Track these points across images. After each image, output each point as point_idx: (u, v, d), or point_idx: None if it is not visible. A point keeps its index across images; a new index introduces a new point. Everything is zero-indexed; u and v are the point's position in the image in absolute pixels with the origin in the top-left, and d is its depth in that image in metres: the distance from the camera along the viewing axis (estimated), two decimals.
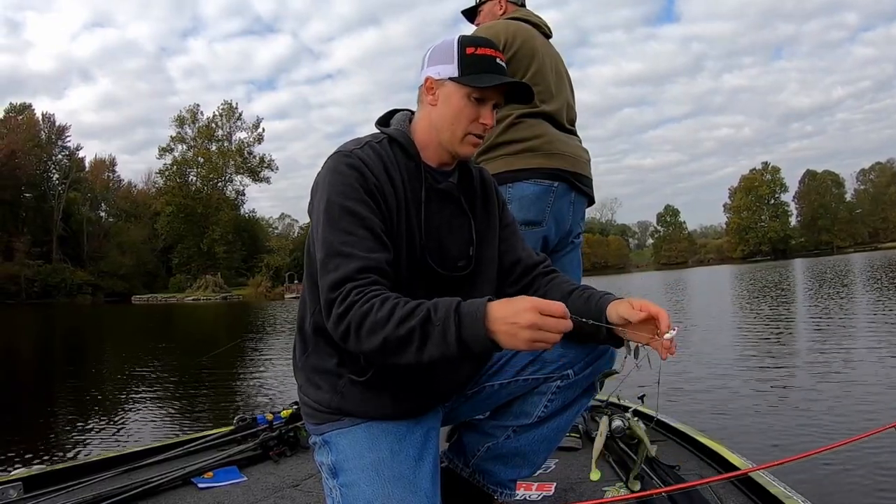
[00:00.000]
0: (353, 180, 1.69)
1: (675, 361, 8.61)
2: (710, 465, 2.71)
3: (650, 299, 1.66)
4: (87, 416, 7.60)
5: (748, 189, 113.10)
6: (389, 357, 1.54)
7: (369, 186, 1.70)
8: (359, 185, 1.69)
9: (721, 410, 6.03)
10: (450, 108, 1.78)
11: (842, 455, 4.20)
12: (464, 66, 1.75)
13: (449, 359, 1.50)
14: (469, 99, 1.76)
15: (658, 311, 1.62)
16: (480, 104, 1.77)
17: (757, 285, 27.56)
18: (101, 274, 73.15)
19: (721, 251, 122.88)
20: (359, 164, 1.71)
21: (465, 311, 1.49)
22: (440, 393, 1.86)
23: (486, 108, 1.78)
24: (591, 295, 1.80)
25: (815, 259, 71.19)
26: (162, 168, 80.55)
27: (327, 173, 1.73)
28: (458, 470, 2.11)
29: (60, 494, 2.61)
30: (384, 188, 1.73)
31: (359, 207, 1.67)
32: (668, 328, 1.60)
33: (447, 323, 1.48)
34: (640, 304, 1.65)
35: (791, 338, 10.99)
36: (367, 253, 1.63)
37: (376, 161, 1.75)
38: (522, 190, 2.93)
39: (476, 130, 1.79)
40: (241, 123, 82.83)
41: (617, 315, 1.68)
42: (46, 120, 78.54)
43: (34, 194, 75.00)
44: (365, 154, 1.75)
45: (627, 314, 1.64)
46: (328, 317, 1.60)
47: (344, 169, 1.71)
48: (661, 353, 1.61)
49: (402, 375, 1.75)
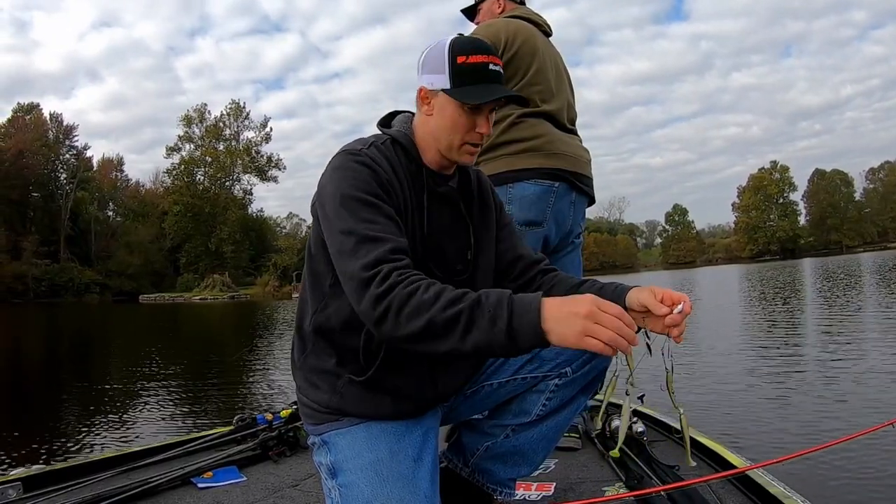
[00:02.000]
0: (366, 175, 1.68)
1: (678, 362, 8.60)
2: (710, 465, 2.70)
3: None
4: (86, 416, 7.61)
5: (757, 188, 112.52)
6: (428, 342, 1.47)
7: (382, 181, 1.69)
8: (372, 180, 1.67)
9: (722, 411, 6.01)
10: (445, 119, 1.76)
11: (842, 453, 4.19)
12: (455, 77, 1.72)
13: (493, 349, 1.44)
14: (463, 110, 1.73)
15: (681, 297, 1.62)
16: (476, 113, 1.74)
17: (766, 285, 27.45)
18: (108, 273, 73.44)
19: (729, 250, 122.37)
20: (369, 162, 1.70)
21: (518, 300, 1.44)
22: (440, 393, 1.86)
23: (482, 116, 1.76)
24: (604, 286, 1.80)
25: (824, 258, 70.92)
26: (169, 167, 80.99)
27: (335, 171, 1.71)
28: (457, 470, 2.11)
29: (60, 494, 2.60)
30: (394, 185, 1.72)
31: (375, 199, 1.65)
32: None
33: (499, 310, 1.42)
34: (662, 294, 1.64)
35: (797, 337, 10.95)
36: (396, 236, 1.61)
37: (384, 161, 1.74)
38: (523, 190, 2.93)
39: (473, 140, 1.77)
40: (248, 122, 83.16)
41: (638, 302, 1.66)
42: (54, 119, 78.93)
43: (42, 194, 75.40)
44: (372, 153, 1.74)
45: (650, 304, 1.63)
46: (361, 299, 1.53)
47: (355, 166, 1.69)
48: (673, 334, 1.62)
49: (402, 376, 1.76)
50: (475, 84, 1.71)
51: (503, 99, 1.76)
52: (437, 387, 1.83)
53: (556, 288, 1.88)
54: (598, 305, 1.40)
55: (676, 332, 1.61)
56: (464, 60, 1.72)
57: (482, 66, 1.72)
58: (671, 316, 1.60)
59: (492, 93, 1.72)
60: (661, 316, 1.62)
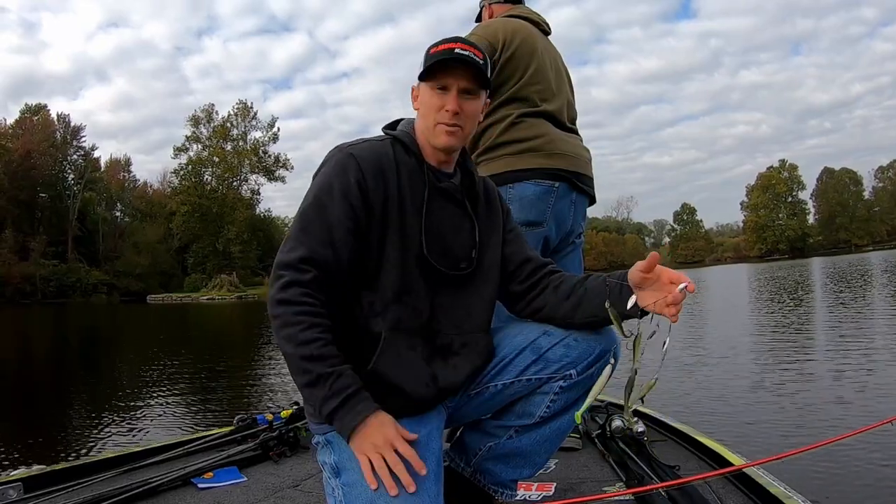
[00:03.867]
0: (334, 177, 1.78)
1: (681, 362, 8.59)
2: (711, 465, 2.70)
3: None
4: (88, 417, 7.64)
5: (765, 187, 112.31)
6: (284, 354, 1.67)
7: (350, 184, 1.77)
8: (339, 183, 1.77)
9: (723, 411, 5.98)
10: (422, 105, 1.89)
11: (842, 450, 4.19)
12: (426, 64, 1.84)
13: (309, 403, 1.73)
14: (433, 91, 1.85)
15: (679, 277, 1.68)
16: (444, 92, 1.84)
17: (775, 285, 27.34)
18: (116, 273, 73.47)
19: (738, 249, 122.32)
20: (346, 162, 1.79)
21: (351, 405, 1.62)
22: (441, 387, 1.86)
23: (450, 95, 1.83)
24: (608, 276, 1.88)
25: (833, 257, 70.67)
26: (177, 168, 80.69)
27: (322, 166, 1.84)
28: (459, 469, 2.11)
29: (60, 494, 2.61)
30: (371, 185, 1.78)
31: (330, 203, 1.75)
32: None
33: (331, 400, 1.62)
34: (661, 270, 1.71)
35: (804, 337, 10.91)
36: (316, 245, 1.71)
37: (371, 159, 1.81)
38: (524, 190, 2.92)
39: (443, 119, 1.84)
40: (255, 122, 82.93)
41: (635, 276, 1.73)
42: (61, 120, 78.85)
43: (50, 194, 75.42)
44: (359, 150, 1.82)
45: (642, 266, 1.71)
46: (271, 287, 1.71)
47: (332, 164, 1.81)
48: (670, 312, 1.67)
49: (401, 370, 1.78)
50: (440, 65, 1.82)
51: (479, 78, 1.85)
52: (437, 381, 1.84)
53: (561, 287, 1.94)
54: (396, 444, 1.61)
55: (674, 311, 1.66)
56: (435, 50, 1.84)
57: (447, 51, 1.82)
58: (674, 294, 1.65)
59: (439, 57, 1.82)
60: (654, 286, 1.71)
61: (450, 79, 1.82)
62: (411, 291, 1.82)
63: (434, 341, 1.86)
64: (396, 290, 1.79)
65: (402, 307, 1.80)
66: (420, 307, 1.84)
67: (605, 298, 1.79)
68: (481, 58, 1.84)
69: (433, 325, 1.86)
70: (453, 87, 1.83)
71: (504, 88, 2.98)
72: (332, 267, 1.72)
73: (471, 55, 1.81)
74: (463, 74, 1.82)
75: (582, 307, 1.88)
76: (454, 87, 1.83)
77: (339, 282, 1.75)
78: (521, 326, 2.02)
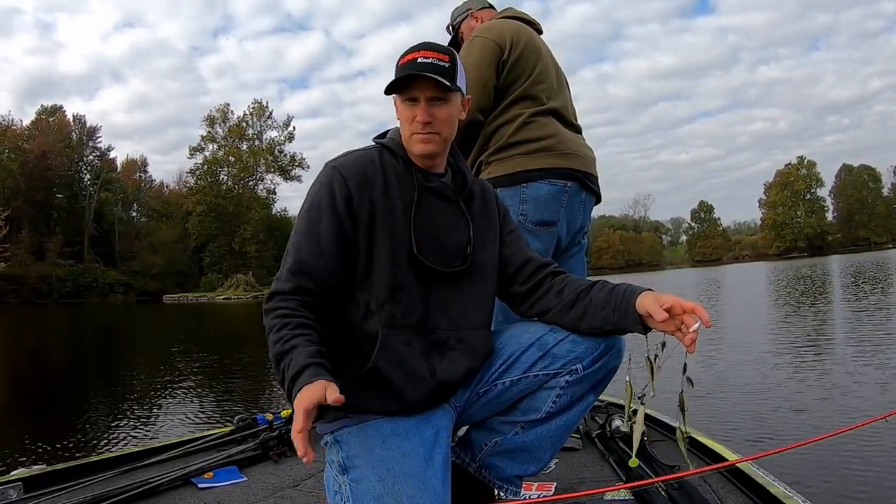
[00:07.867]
0: (322, 193, 1.84)
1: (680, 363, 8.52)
2: (710, 464, 2.68)
3: (683, 296, 1.73)
4: (88, 417, 7.68)
5: (783, 184, 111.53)
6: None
7: (335, 195, 1.82)
8: (323, 197, 1.83)
9: (724, 410, 5.97)
10: (399, 116, 1.93)
11: (842, 447, 4.18)
12: (394, 77, 1.85)
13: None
14: (404, 104, 1.88)
15: (693, 307, 1.70)
16: (414, 104, 1.86)
17: (791, 285, 27.15)
18: (132, 273, 73.87)
19: (756, 247, 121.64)
20: (331, 175, 1.85)
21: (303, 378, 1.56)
22: (441, 382, 1.87)
23: (419, 106, 1.85)
24: (615, 287, 1.89)
25: (852, 255, 70.20)
26: (193, 167, 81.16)
27: (313, 183, 1.90)
28: (464, 465, 2.11)
29: (61, 494, 2.62)
30: (356, 193, 1.83)
31: (317, 217, 1.82)
32: (693, 322, 1.68)
33: (287, 372, 1.60)
34: (665, 300, 1.73)
35: (818, 336, 10.83)
36: (305, 257, 1.79)
37: (355, 168, 1.87)
38: (538, 190, 2.91)
39: (416, 129, 1.87)
40: (271, 122, 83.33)
41: (644, 309, 1.77)
42: (77, 121, 79.62)
43: (66, 195, 75.99)
44: (342, 162, 1.89)
45: (653, 311, 1.73)
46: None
47: (319, 180, 1.88)
48: (685, 342, 1.70)
49: (400, 365, 1.80)
50: (405, 79, 1.83)
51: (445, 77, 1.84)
52: (435, 374, 1.86)
53: (565, 290, 1.95)
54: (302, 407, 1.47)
55: (689, 341, 1.69)
56: (402, 62, 1.86)
57: (409, 62, 1.83)
58: (689, 335, 1.68)
59: (398, 75, 1.83)
60: (663, 321, 1.72)
61: (415, 90, 1.85)
62: (404, 289, 1.84)
63: (430, 337, 1.88)
64: (389, 288, 1.82)
65: (396, 305, 1.82)
66: (414, 304, 1.85)
67: (612, 321, 1.85)
68: (447, 60, 1.85)
69: (428, 321, 1.88)
70: (420, 97, 1.85)
71: (513, 88, 2.97)
72: (322, 274, 1.78)
73: (434, 62, 1.82)
74: (428, 83, 1.83)
75: (587, 319, 1.90)
76: (422, 98, 1.85)
77: (331, 287, 1.79)
78: (528, 325, 2.05)
